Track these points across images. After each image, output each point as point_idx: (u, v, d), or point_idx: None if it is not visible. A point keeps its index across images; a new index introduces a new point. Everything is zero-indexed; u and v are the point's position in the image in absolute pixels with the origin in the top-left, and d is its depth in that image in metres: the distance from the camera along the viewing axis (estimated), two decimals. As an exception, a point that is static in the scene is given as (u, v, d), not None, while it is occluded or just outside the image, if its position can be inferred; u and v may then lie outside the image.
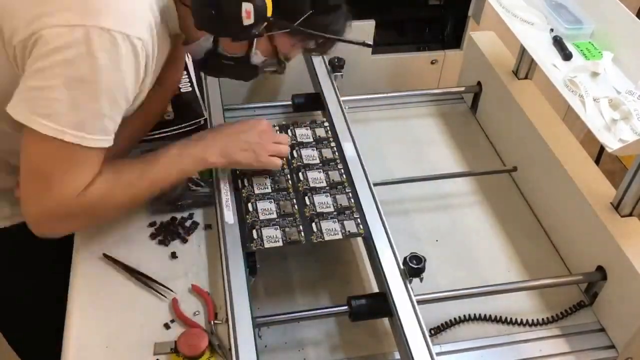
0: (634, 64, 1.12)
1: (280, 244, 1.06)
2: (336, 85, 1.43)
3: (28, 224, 0.97)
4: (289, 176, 1.18)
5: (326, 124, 1.30)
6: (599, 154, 2.00)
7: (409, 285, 1.02)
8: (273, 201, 1.13)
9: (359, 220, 1.10)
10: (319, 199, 1.13)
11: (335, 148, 1.24)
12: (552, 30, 1.22)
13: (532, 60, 1.29)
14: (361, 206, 1.12)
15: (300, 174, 1.18)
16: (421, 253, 1.02)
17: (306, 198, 1.14)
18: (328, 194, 1.15)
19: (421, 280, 1.02)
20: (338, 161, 1.22)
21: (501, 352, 1.07)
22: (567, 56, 1.16)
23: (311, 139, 1.26)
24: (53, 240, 1.01)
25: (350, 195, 1.15)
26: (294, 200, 1.13)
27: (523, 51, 1.39)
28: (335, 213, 1.11)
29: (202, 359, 0.95)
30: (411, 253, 1.02)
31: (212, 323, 1.03)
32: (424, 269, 1.01)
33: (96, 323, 1.02)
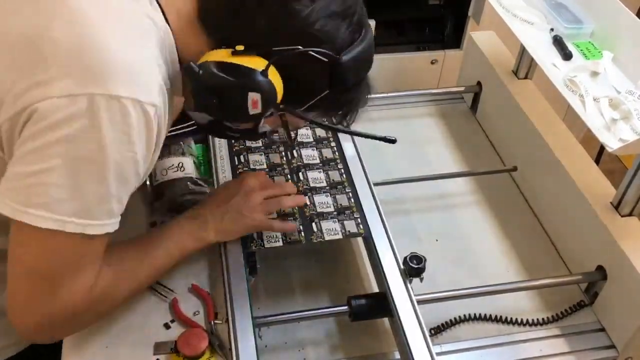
0: (634, 64, 1.11)
1: (280, 244, 1.06)
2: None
3: (19, 333, 0.84)
4: (289, 176, 1.18)
5: (326, 124, 1.31)
6: (599, 154, 2.00)
7: (409, 285, 1.02)
8: (273, 201, 1.13)
9: (359, 220, 1.10)
10: (319, 199, 1.13)
11: (335, 148, 1.24)
12: (552, 29, 1.22)
13: (532, 60, 1.29)
14: (361, 206, 1.13)
15: (300, 174, 1.18)
16: (421, 253, 1.02)
17: (306, 198, 1.14)
18: (328, 194, 1.15)
19: (421, 280, 1.02)
20: (338, 161, 1.22)
21: (501, 352, 1.07)
22: (567, 56, 1.16)
23: (311, 139, 1.26)
24: None
25: (350, 195, 1.15)
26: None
27: (523, 51, 1.39)
28: (335, 213, 1.11)
29: (202, 359, 0.95)
30: (411, 253, 1.02)
31: (212, 323, 1.03)
32: (424, 269, 1.01)
33: (96, 323, 1.02)
